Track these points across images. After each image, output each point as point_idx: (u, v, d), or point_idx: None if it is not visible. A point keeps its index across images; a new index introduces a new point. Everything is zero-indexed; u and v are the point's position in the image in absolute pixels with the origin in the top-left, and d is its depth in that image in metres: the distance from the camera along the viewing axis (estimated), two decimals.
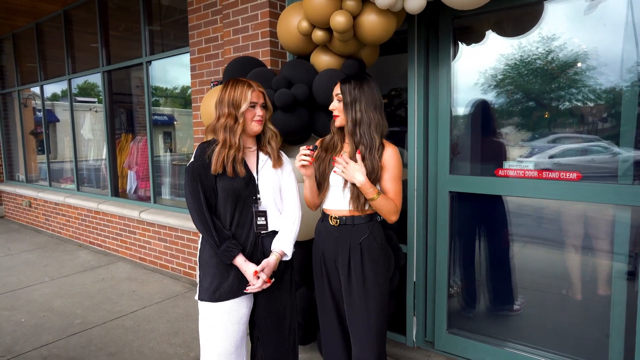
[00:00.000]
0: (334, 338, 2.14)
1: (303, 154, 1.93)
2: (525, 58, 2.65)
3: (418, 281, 3.01)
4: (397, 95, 4.83)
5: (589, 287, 2.64)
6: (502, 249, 2.99)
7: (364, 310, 1.98)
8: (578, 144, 2.54)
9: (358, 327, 2.00)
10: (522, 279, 2.92)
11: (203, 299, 1.94)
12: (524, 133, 2.74)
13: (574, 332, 2.69)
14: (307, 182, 2.07)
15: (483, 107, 2.85)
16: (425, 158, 2.92)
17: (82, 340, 3.24)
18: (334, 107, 2.04)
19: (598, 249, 2.62)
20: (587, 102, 2.49)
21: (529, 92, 2.68)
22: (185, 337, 3.26)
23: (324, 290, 2.11)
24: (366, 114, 1.96)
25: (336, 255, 2.04)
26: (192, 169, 1.89)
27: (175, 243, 4.70)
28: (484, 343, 2.83)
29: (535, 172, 2.54)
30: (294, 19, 2.59)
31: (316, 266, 2.14)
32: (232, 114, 1.91)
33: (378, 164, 1.95)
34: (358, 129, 1.96)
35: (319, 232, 2.13)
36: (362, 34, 2.39)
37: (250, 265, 1.89)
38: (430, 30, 2.84)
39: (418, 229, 2.97)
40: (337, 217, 2.03)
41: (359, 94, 1.96)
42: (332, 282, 2.09)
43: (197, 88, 4.08)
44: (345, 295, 2.03)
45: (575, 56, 2.49)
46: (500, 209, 2.91)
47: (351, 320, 2.03)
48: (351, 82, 1.99)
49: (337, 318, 2.11)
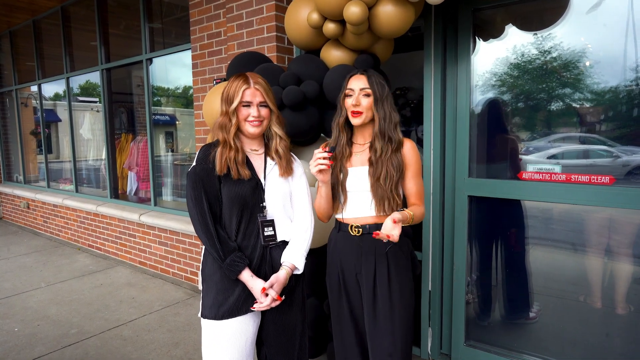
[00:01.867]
0: (351, 355, 1.96)
1: (320, 157, 1.72)
2: (548, 54, 2.47)
3: (434, 290, 2.83)
4: (402, 95, 4.68)
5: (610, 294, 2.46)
6: (521, 255, 2.82)
7: (389, 325, 1.80)
8: (606, 146, 2.37)
9: (382, 347, 1.82)
10: (542, 286, 2.74)
11: (206, 316, 1.76)
12: (548, 134, 2.56)
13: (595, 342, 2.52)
14: (323, 189, 1.85)
15: (503, 107, 2.67)
16: (442, 160, 2.74)
17: (77, 352, 3.06)
18: (358, 103, 1.81)
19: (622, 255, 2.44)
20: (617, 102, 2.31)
21: (553, 90, 2.50)
22: (187, 349, 3.08)
23: (341, 307, 1.93)
24: (392, 110, 1.83)
25: (359, 268, 1.86)
26: (195, 174, 1.72)
27: (176, 247, 4.53)
28: (504, 357, 2.65)
29: (563, 176, 2.37)
30: (304, 11, 2.42)
31: (332, 282, 1.95)
32: (227, 112, 1.76)
33: (402, 161, 1.81)
34: (387, 126, 1.80)
35: (335, 243, 1.94)
36: (377, 26, 2.22)
37: (257, 281, 1.71)
38: (447, 24, 2.67)
39: (434, 235, 2.79)
40: (360, 225, 1.84)
41: (385, 88, 1.82)
42: (351, 299, 1.91)
43: (199, 86, 3.91)
44: (368, 311, 1.85)
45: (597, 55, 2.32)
46: (519, 213, 2.73)
47: (374, 339, 1.85)
48: (376, 76, 1.83)
49: (355, 336, 1.93)
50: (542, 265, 2.72)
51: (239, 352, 1.76)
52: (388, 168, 1.78)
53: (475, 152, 2.72)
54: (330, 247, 1.97)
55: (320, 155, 1.71)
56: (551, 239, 2.71)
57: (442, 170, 2.75)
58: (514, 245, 2.84)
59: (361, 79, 1.83)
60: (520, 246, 2.81)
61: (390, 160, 1.79)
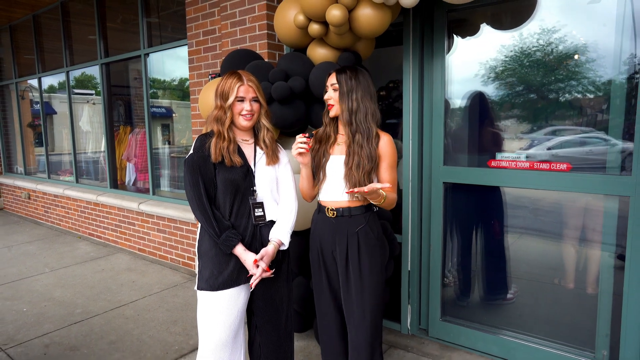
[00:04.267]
0: (331, 326, 2.20)
1: (300, 141, 1.96)
2: (520, 50, 2.68)
3: (412, 270, 3.07)
4: (395, 88, 4.86)
5: (579, 276, 2.70)
6: (496, 239, 3.05)
7: (360, 298, 2.03)
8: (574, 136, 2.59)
9: (354, 315, 2.06)
10: (516, 269, 2.98)
11: (203, 288, 1.98)
12: (520, 125, 2.79)
13: (565, 320, 2.76)
14: (304, 171, 2.10)
15: (478, 99, 2.89)
16: (420, 149, 2.97)
17: (83, 329, 3.30)
18: (329, 97, 2.06)
19: (589, 240, 2.68)
20: (586, 94, 2.52)
21: (525, 84, 2.72)
22: (185, 326, 3.32)
23: (321, 281, 2.17)
24: (362, 103, 1.99)
25: (334, 246, 2.08)
26: (192, 161, 1.94)
27: (174, 234, 4.76)
28: (477, 330, 2.89)
29: (527, 163, 2.60)
30: (291, 12, 2.62)
31: (313, 257, 2.19)
32: (222, 106, 1.97)
33: (375, 153, 2.00)
34: (354, 118, 2.00)
35: (315, 224, 2.18)
36: (357, 28, 2.43)
37: (249, 254, 1.94)
38: (425, 23, 2.88)
39: (413, 219, 3.02)
40: (334, 208, 2.07)
41: (355, 83, 2.00)
42: (329, 272, 2.14)
43: (195, 80, 4.11)
44: (343, 284, 2.08)
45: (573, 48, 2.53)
46: (495, 200, 2.95)
47: (348, 308, 2.09)
48: (347, 72, 2.02)
49: (334, 307, 2.17)
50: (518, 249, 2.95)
51: (231, 319, 1.99)
52: (361, 157, 1.97)
53: (451, 142, 2.94)
54: (312, 227, 2.21)
55: (300, 140, 1.96)
56: (525, 226, 2.94)
57: (420, 159, 2.98)
58: (490, 230, 3.07)
59: (332, 76, 2.06)
60: (496, 230, 3.04)
61: (362, 150, 1.97)
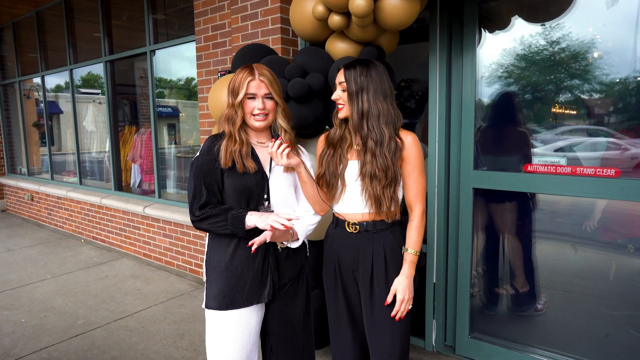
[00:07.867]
0: (348, 353, 1.94)
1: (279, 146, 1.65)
2: (555, 45, 2.45)
3: (438, 282, 2.84)
4: (406, 87, 4.66)
5: (619, 288, 2.47)
6: (526, 248, 2.82)
7: (387, 323, 1.78)
8: (614, 138, 2.36)
9: (382, 343, 1.81)
10: (550, 279, 2.75)
11: (211, 307, 1.77)
12: (557, 127, 2.55)
13: (601, 335, 2.53)
14: (304, 175, 1.77)
15: (512, 98, 2.67)
16: (447, 152, 2.74)
17: (84, 342, 3.09)
18: (337, 97, 1.79)
19: (628, 248, 2.44)
20: (626, 94, 2.29)
21: (561, 82, 2.49)
22: (192, 340, 3.11)
23: (338, 304, 1.90)
24: (374, 104, 1.70)
25: (355, 266, 1.83)
26: (196, 166, 1.73)
27: (181, 239, 4.55)
28: (510, 349, 2.66)
29: (568, 168, 2.36)
30: (309, 3, 2.40)
31: (329, 279, 1.92)
32: (233, 104, 1.74)
33: (391, 160, 1.70)
34: (365, 122, 1.71)
35: (332, 240, 1.90)
36: (383, 19, 2.20)
37: (264, 214, 1.66)
38: (453, 16, 2.65)
39: (439, 227, 2.80)
40: (357, 222, 1.81)
41: (365, 81, 1.71)
42: (349, 294, 1.89)
43: (203, 78, 3.91)
44: (366, 308, 1.83)
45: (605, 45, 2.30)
46: (526, 206, 2.73)
47: (373, 335, 1.83)
48: (356, 68, 1.73)
49: (352, 332, 1.91)
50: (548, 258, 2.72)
51: (243, 342, 1.77)
52: (373, 169, 1.70)
53: (481, 145, 2.71)
54: (327, 243, 1.93)
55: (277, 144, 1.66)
56: (558, 232, 2.70)
57: (447, 163, 2.75)
58: (520, 237, 2.84)
59: (340, 73, 1.78)
60: (526, 238, 2.81)
61: (376, 160, 1.69)
